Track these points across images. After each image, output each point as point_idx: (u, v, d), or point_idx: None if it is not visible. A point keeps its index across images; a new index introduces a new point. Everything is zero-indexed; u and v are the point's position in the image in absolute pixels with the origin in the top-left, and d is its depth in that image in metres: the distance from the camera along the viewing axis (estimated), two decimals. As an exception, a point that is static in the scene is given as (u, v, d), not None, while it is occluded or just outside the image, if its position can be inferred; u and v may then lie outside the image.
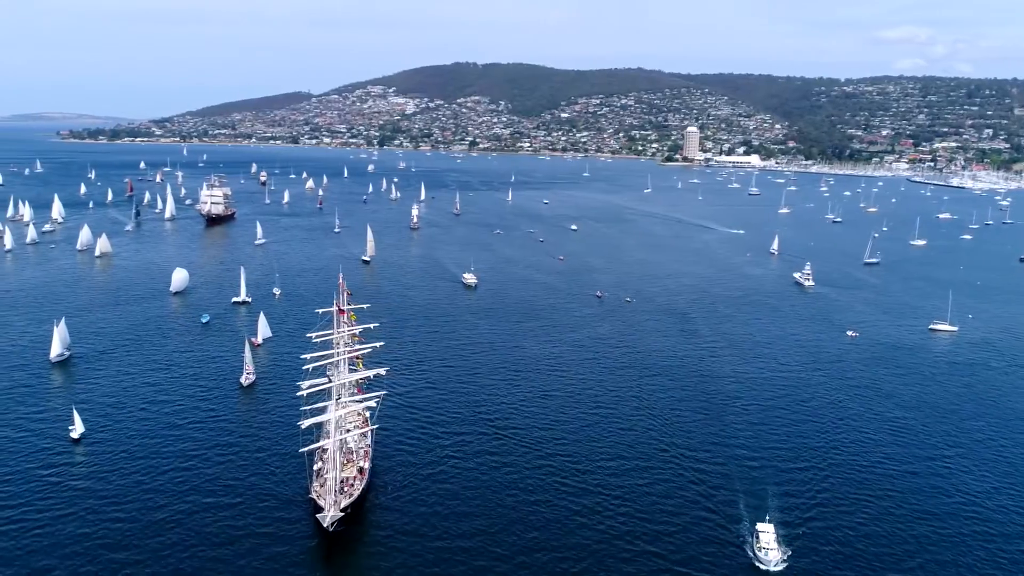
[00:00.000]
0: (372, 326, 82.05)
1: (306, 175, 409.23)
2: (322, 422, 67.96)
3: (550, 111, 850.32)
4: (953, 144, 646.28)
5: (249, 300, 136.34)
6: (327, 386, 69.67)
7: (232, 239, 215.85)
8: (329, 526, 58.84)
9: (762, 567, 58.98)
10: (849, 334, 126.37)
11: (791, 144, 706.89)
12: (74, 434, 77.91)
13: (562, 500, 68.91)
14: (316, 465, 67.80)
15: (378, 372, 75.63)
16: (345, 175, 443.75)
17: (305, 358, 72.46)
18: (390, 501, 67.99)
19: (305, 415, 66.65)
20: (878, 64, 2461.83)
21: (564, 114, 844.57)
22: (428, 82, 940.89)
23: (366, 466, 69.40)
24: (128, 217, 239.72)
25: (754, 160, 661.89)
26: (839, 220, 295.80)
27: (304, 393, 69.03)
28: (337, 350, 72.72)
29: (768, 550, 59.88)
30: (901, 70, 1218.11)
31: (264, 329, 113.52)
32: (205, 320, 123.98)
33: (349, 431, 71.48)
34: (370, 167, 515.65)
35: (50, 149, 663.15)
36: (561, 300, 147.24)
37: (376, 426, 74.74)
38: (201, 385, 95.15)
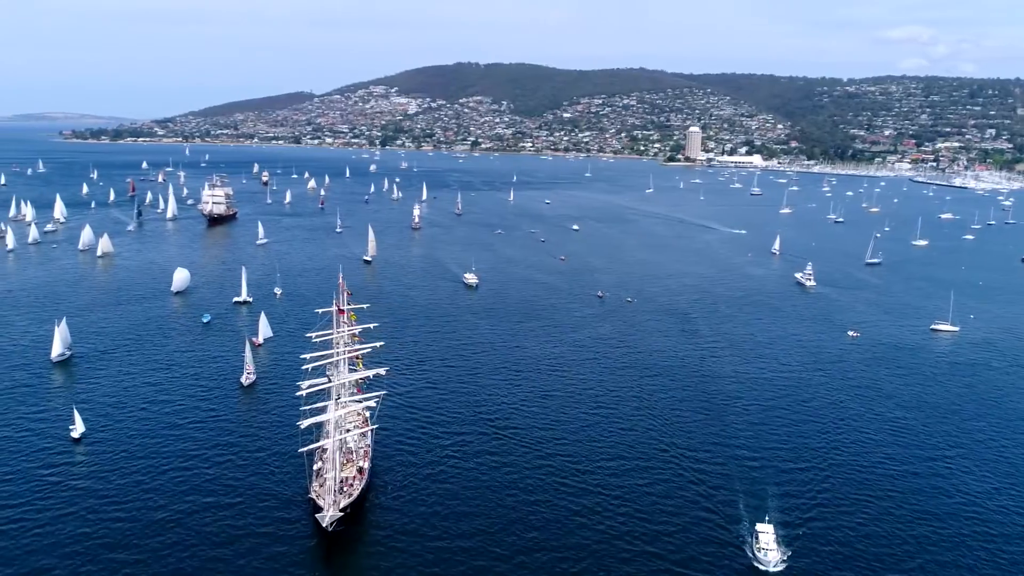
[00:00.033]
0: (372, 326, 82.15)
1: (308, 175, 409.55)
2: (322, 422, 67.99)
3: (552, 111, 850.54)
4: (956, 144, 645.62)
5: (250, 300, 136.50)
6: (327, 386, 69.70)
7: (234, 239, 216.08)
8: (328, 526, 58.86)
9: (761, 567, 58.90)
10: (850, 334, 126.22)
11: (793, 144, 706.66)
12: (75, 434, 78.09)
13: (562, 500, 68.89)
14: (316, 465, 67.85)
15: (378, 372, 75.68)
16: (347, 175, 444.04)
17: (305, 358, 72.55)
18: (390, 501, 68.01)
19: (304, 415, 66.65)
20: (881, 64, 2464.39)
21: (566, 114, 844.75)
22: (430, 82, 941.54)
23: (366, 466, 69.37)
24: (130, 217, 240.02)
25: (756, 160, 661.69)
26: (841, 220, 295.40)
27: (303, 393, 69.09)
28: (337, 350, 72.80)
29: (768, 551, 59.81)
30: (904, 70, 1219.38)
31: (265, 329, 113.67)
32: (206, 320, 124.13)
33: (349, 431, 71.50)
34: (372, 167, 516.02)
35: (52, 149, 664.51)
36: (562, 300, 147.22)
37: (376, 426, 74.71)
38: (201, 385, 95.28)
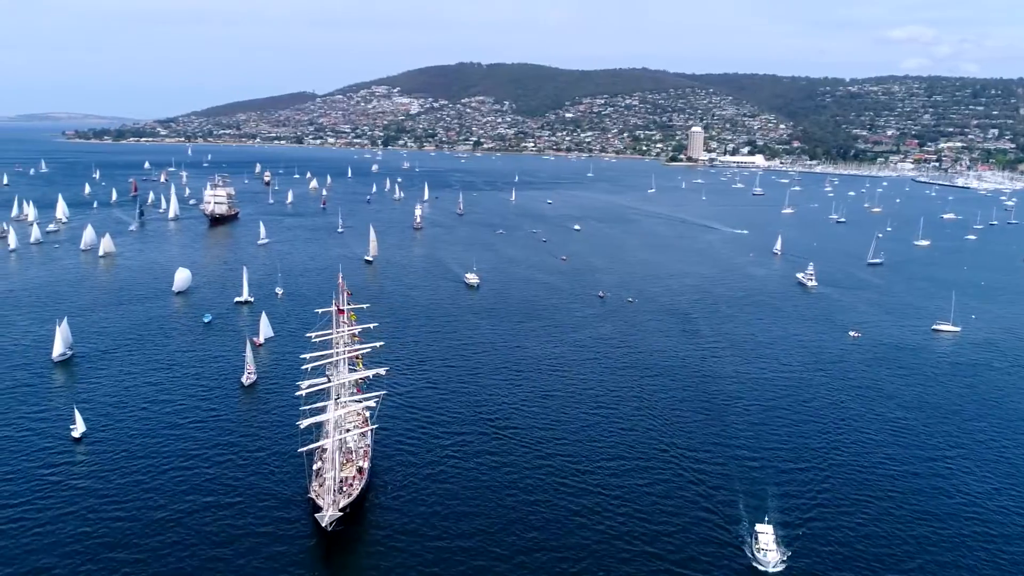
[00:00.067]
0: (372, 326, 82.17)
1: (310, 175, 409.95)
2: (321, 422, 68.03)
3: (554, 111, 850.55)
4: (958, 144, 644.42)
5: (251, 300, 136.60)
6: (326, 386, 69.73)
7: (235, 239, 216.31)
8: (328, 526, 58.87)
9: (761, 568, 58.84)
10: (851, 334, 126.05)
11: (796, 144, 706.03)
12: (75, 433, 78.19)
13: (562, 500, 68.86)
14: (315, 465, 67.86)
15: (378, 372, 75.69)
16: (349, 175, 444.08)
17: (305, 358, 72.62)
18: (389, 501, 68.03)
19: (304, 415, 66.70)
20: (883, 64, 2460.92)
21: (568, 114, 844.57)
22: (432, 82, 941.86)
23: (365, 466, 69.37)
24: (132, 217, 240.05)
25: (758, 160, 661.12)
26: (843, 220, 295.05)
27: (303, 393, 69.14)
28: (336, 350, 72.83)
29: (767, 551, 59.73)
30: (906, 70, 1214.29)
31: (266, 329, 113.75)
32: (207, 320, 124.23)
33: (348, 431, 71.51)
34: (374, 167, 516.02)
35: (55, 149, 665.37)
36: (563, 300, 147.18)
37: (376, 426, 74.75)
38: (202, 385, 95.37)
